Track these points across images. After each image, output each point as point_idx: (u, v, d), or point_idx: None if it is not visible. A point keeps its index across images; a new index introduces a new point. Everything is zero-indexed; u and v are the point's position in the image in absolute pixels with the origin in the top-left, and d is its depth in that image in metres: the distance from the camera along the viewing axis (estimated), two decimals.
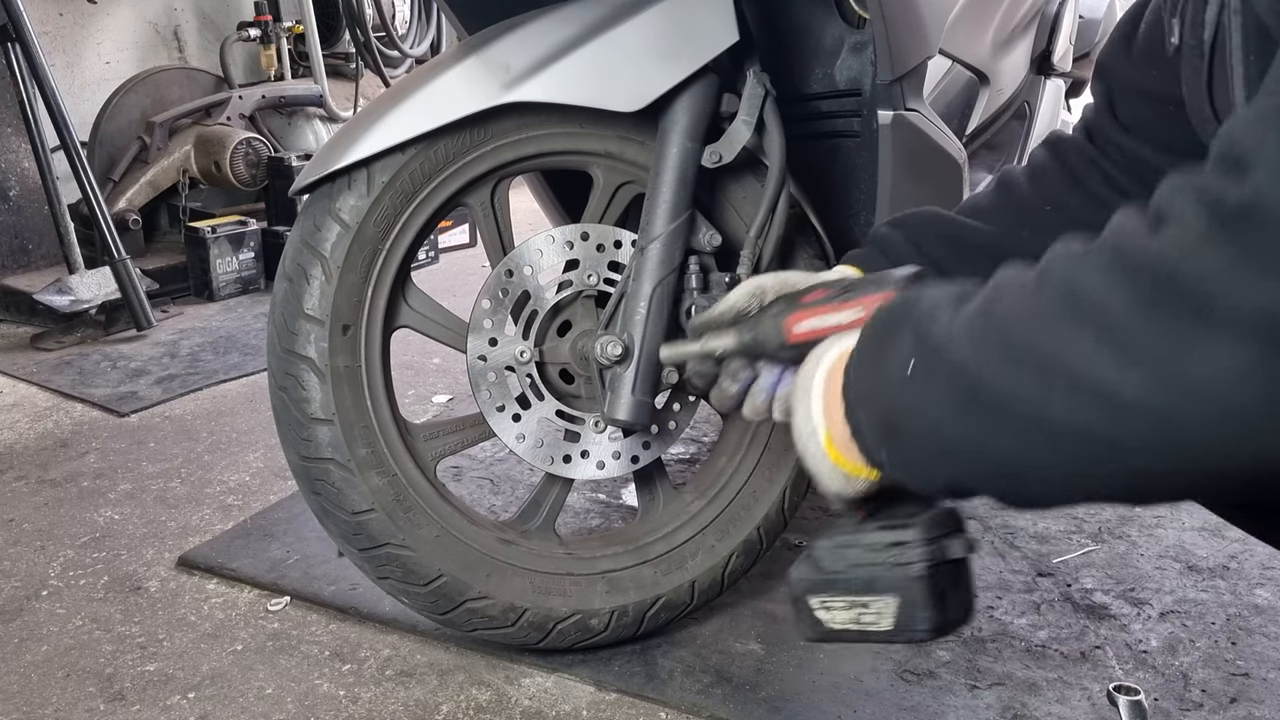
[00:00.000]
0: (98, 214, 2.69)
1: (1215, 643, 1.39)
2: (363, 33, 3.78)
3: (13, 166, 2.99)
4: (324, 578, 1.54)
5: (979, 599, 1.48)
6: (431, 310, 1.29)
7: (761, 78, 1.26)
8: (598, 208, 1.32)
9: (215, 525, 1.74)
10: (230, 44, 3.73)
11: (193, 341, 2.72)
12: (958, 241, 1.10)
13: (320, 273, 1.19)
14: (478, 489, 1.86)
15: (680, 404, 1.35)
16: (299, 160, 3.22)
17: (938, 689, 1.29)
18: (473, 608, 1.26)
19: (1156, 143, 1.00)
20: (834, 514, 1.72)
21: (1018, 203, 1.11)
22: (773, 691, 1.29)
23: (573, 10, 1.21)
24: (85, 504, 1.83)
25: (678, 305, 1.25)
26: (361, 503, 1.21)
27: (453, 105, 1.18)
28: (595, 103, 1.20)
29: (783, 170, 1.26)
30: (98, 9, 3.45)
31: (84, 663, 1.37)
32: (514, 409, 1.27)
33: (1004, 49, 1.96)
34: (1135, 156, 1.03)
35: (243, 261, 3.12)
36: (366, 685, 1.31)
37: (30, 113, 2.69)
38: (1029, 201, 1.10)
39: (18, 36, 2.61)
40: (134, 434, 2.14)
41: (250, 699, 1.29)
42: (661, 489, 1.40)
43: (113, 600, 1.52)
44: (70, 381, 2.43)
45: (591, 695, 1.30)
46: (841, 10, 1.46)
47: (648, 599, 1.33)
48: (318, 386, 1.19)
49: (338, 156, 1.18)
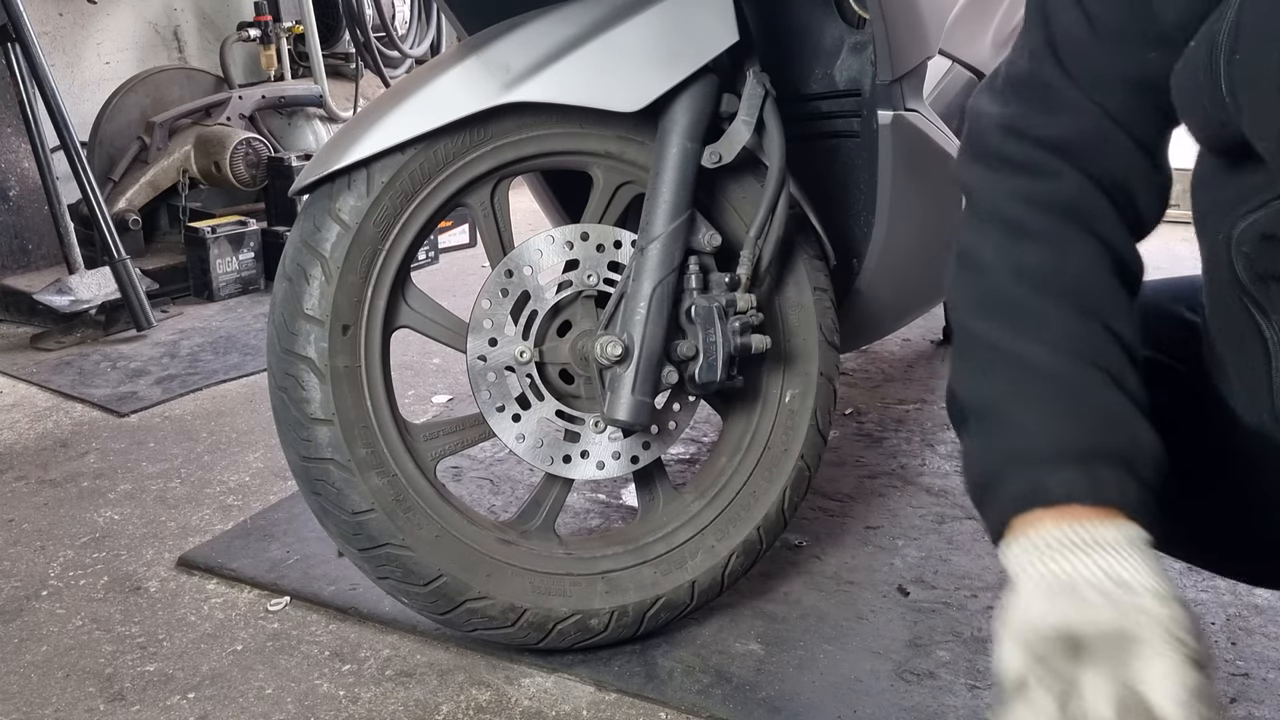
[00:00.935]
0: (98, 214, 2.69)
1: (1215, 643, 1.39)
2: (363, 33, 3.78)
3: (13, 166, 2.98)
4: (324, 578, 1.54)
5: (978, 599, 1.49)
6: (431, 310, 1.29)
7: (761, 78, 1.27)
8: (598, 208, 1.32)
9: (215, 525, 1.74)
10: (230, 44, 3.73)
11: (193, 342, 2.72)
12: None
13: (320, 273, 1.19)
14: (478, 489, 1.86)
15: (680, 404, 1.35)
16: (299, 160, 3.22)
17: (938, 689, 1.29)
18: (472, 608, 1.26)
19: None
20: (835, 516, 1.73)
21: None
22: (773, 691, 1.29)
23: (573, 10, 1.22)
24: (85, 504, 1.83)
25: (678, 305, 1.25)
26: (361, 503, 1.21)
27: (453, 105, 1.18)
28: (595, 103, 1.20)
29: (783, 170, 1.27)
30: (98, 9, 3.45)
31: (84, 663, 1.37)
32: (514, 409, 1.27)
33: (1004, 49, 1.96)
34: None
35: (243, 261, 3.12)
36: (366, 685, 1.31)
37: (30, 113, 2.69)
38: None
39: (18, 36, 2.61)
40: (134, 434, 2.14)
41: (250, 699, 1.29)
42: (661, 489, 1.40)
43: (113, 600, 1.52)
44: (70, 381, 2.43)
45: (591, 695, 1.30)
46: (841, 10, 1.46)
47: (647, 599, 1.33)
48: (318, 386, 1.19)
49: (337, 157, 1.18)
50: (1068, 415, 0.72)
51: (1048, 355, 0.74)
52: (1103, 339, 0.75)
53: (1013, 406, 0.74)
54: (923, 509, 1.76)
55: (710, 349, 1.23)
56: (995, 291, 0.79)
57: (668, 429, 1.34)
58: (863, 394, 2.29)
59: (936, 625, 1.42)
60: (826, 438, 1.44)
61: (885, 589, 1.52)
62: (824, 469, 1.85)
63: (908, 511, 1.75)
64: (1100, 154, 0.78)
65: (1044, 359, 0.74)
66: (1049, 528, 0.68)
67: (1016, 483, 0.71)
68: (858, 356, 2.51)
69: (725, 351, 1.23)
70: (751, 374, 1.37)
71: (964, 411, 0.79)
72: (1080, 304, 0.75)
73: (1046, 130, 0.79)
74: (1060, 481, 0.69)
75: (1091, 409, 0.72)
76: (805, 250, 1.40)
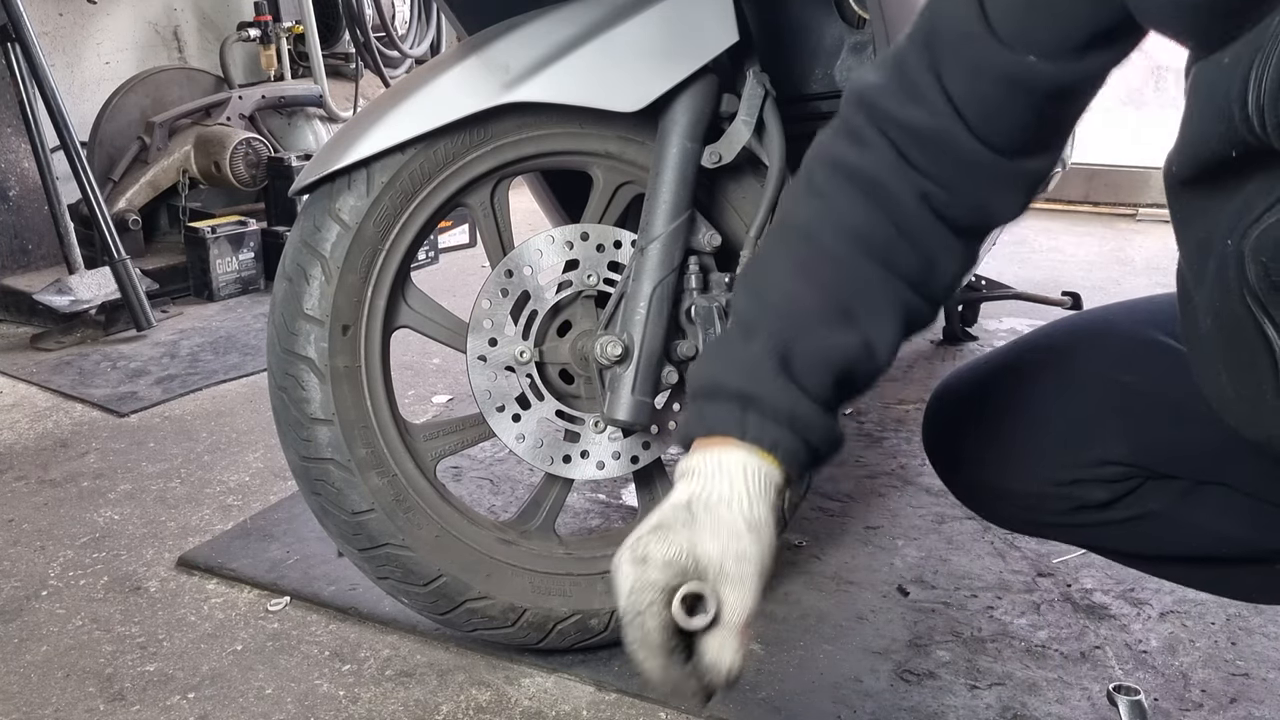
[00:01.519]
0: (97, 214, 2.69)
1: (1215, 643, 1.39)
2: (363, 33, 3.78)
3: (13, 166, 2.98)
4: (324, 578, 1.54)
5: (978, 599, 1.49)
6: (431, 310, 1.29)
7: (761, 78, 1.27)
8: (598, 208, 1.32)
9: (215, 525, 1.74)
10: (230, 44, 3.73)
11: (192, 342, 2.72)
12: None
13: (320, 273, 1.19)
14: (478, 489, 1.86)
15: (680, 404, 1.35)
16: (299, 160, 3.22)
17: (938, 689, 1.29)
18: (472, 608, 1.26)
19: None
20: (832, 514, 1.73)
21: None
22: (773, 691, 1.29)
23: (573, 10, 1.22)
24: (85, 504, 1.83)
25: (677, 305, 1.25)
26: (361, 503, 1.21)
27: (453, 105, 1.18)
28: (595, 103, 1.20)
29: (783, 170, 1.27)
30: (98, 9, 3.45)
31: (84, 663, 1.37)
32: (514, 409, 1.27)
33: None
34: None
35: (242, 261, 3.12)
36: (366, 685, 1.31)
37: (30, 113, 2.69)
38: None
39: (18, 36, 2.61)
40: (134, 434, 2.14)
41: (250, 699, 1.29)
42: (661, 489, 1.40)
43: (113, 600, 1.52)
44: (70, 382, 2.43)
45: (591, 695, 1.30)
46: (841, 10, 1.46)
47: None
48: (318, 386, 1.19)
49: (337, 157, 1.18)
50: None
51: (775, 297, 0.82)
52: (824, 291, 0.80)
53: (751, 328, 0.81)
54: (923, 509, 1.76)
55: None
56: (764, 244, 0.89)
57: (668, 429, 1.34)
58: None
59: (936, 625, 1.42)
60: None
61: (885, 589, 1.52)
62: (824, 469, 1.85)
63: (908, 511, 1.75)
64: (939, 155, 0.80)
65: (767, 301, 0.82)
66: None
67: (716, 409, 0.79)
68: None
69: None
70: None
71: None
72: (811, 265, 0.81)
73: (893, 111, 0.81)
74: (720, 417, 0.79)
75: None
76: None
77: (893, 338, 0.81)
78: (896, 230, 0.81)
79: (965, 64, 0.78)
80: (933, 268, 0.83)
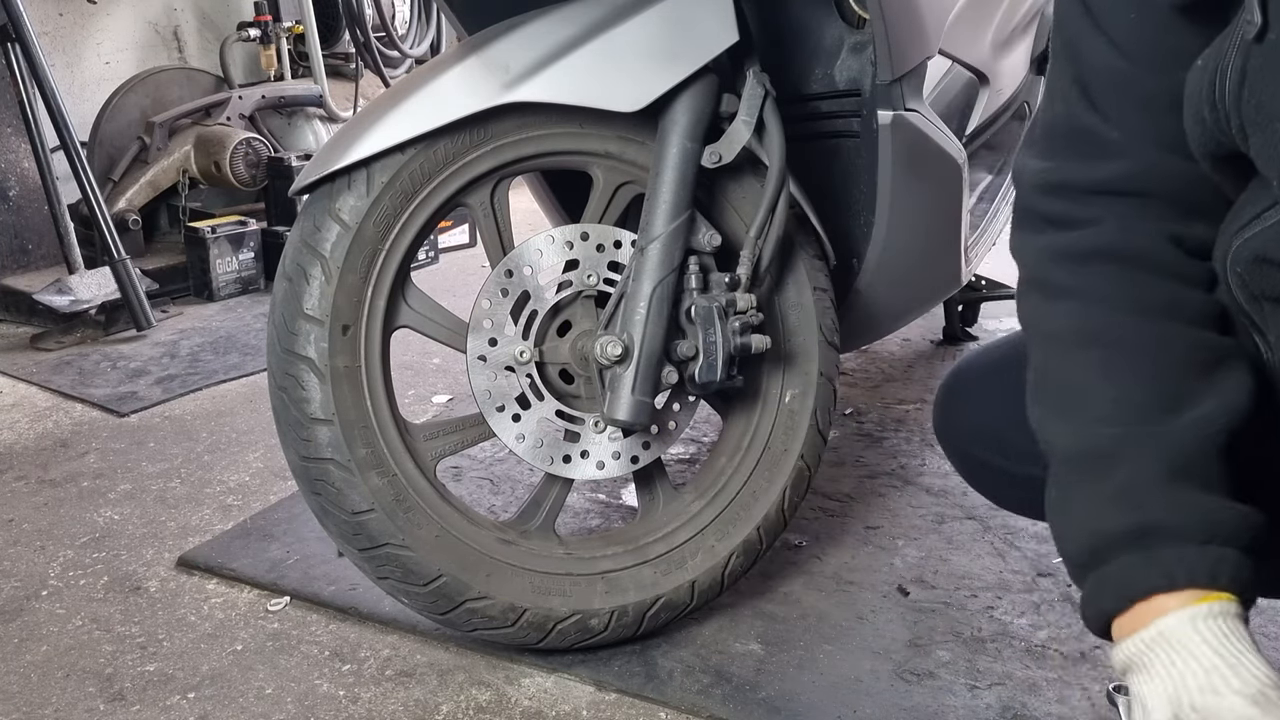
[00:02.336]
0: (97, 214, 2.69)
1: None
2: (363, 33, 3.78)
3: (13, 166, 2.98)
4: (324, 578, 1.54)
5: (978, 599, 1.49)
6: (431, 310, 1.29)
7: (761, 78, 1.27)
8: (598, 208, 1.32)
9: (215, 525, 1.74)
10: (230, 44, 3.73)
11: (192, 341, 2.72)
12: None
13: (320, 273, 1.19)
14: (478, 489, 1.86)
15: (680, 404, 1.35)
16: (299, 160, 3.22)
17: (937, 689, 1.29)
18: (472, 608, 1.26)
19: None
20: (834, 515, 1.73)
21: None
22: (773, 691, 1.29)
23: (573, 10, 1.22)
24: (85, 504, 1.83)
25: (677, 305, 1.25)
26: (361, 503, 1.21)
27: (453, 105, 1.18)
28: (595, 103, 1.20)
29: (783, 170, 1.27)
30: (98, 9, 3.45)
31: (84, 663, 1.37)
32: (514, 409, 1.27)
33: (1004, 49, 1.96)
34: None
35: (242, 261, 3.12)
36: (366, 685, 1.31)
37: (30, 113, 2.69)
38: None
39: (18, 36, 2.61)
40: (134, 434, 2.14)
41: (250, 699, 1.29)
42: (661, 489, 1.40)
43: (113, 600, 1.52)
44: (70, 381, 2.43)
45: (591, 695, 1.30)
46: (841, 10, 1.46)
47: (647, 599, 1.33)
48: (317, 386, 1.19)
49: (337, 156, 1.18)
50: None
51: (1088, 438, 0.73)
52: (1139, 399, 0.72)
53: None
54: (923, 509, 1.76)
55: (710, 349, 1.23)
56: (1040, 367, 0.80)
57: (668, 429, 1.34)
58: (863, 394, 2.29)
59: (936, 625, 1.42)
60: (826, 438, 1.44)
61: (885, 589, 1.52)
62: (824, 469, 1.85)
63: (908, 511, 1.75)
64: (1157, 185, 0.75)
65: (1081, 444, 0.73)
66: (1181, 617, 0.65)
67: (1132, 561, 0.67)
68: (858, 356, 2.51)
69: (725, 351, 1.23)
70: (751, 374, 1.37)
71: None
72: (1114, 361, 0.73)
73: (1087, 177, 0.76)
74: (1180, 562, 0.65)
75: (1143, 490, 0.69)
76: (805, 250, 1.40)
77: (1242, 375, 0.72)
78: (1169, 282, 0.74)
79: (1130, 96, 0.74)
80: (1214, 289, 0.76)
